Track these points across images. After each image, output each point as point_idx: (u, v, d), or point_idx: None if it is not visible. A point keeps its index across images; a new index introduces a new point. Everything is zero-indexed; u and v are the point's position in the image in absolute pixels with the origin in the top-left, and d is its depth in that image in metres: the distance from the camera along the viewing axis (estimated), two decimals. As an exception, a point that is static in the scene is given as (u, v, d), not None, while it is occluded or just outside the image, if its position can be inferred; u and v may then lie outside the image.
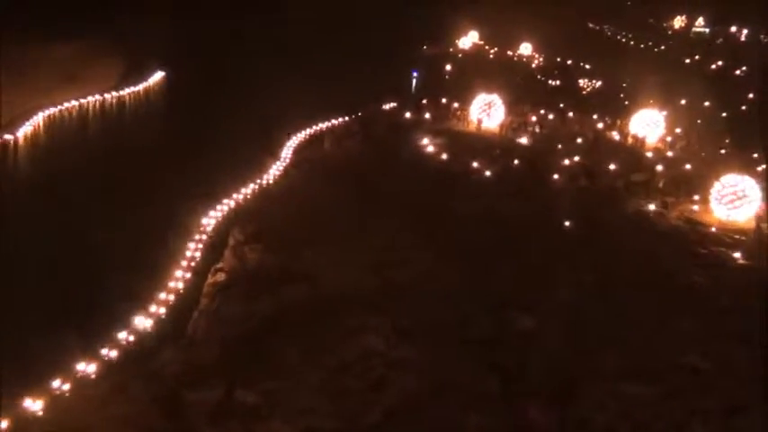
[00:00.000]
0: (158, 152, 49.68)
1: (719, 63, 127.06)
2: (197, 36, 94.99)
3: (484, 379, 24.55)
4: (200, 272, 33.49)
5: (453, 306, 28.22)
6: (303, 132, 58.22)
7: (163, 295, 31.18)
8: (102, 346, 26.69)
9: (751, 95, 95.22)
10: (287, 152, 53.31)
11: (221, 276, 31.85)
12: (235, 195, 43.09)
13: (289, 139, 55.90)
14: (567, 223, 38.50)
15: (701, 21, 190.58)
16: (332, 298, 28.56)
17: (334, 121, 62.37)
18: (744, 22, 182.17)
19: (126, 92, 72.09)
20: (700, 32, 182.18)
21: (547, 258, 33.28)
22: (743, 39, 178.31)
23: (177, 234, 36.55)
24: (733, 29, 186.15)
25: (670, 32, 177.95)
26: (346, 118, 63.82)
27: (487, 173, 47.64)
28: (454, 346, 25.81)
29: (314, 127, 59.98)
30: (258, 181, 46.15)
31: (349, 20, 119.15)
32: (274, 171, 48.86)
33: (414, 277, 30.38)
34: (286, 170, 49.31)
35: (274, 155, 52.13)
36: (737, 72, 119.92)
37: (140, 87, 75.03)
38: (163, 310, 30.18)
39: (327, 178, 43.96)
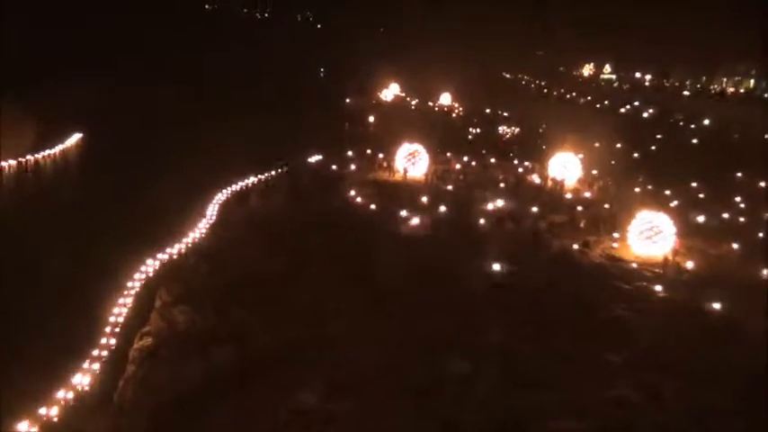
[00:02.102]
0: (76, 215, 48.01)
1: (628, 107, 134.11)
2: (116, 97, 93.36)
3: (422, 428, 24.34)
4: (126, 337, 32.18)
5: (387, 355, 28.08)
6: (229, 189, 57.57)
7: (86, 364, 29.76)
8: (21, 421, 25.14)
9: (659, 136, 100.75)
10: (213, 210, 52.48)
11: (148, 340, 30.68)
12: (160, 256, 41.95)
13: (214, 196, 55.12)
14: (495, 266, 39.22)
15: (607, 68, 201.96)
16: (264, 355, 27.98)
17: (259, 177, 62.06)
18: (645, 68, 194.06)
19: (42, 155, 69.89)
20: (607, 79, 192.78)
21: (477, 301, 33.76)
22: (647, 83, 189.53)
23: (99, 299, 35.13)
24: (637, 74, 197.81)
25: (580, 80, 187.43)
26: (272, 173, 63.68)
27: (416, 220, 48.23)
28: (390, 395, 25.55)
29: (239, 183, 59.44)
30: (184, 240, 45.13)
31: (270, 75, 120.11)
32: (200, 229, 47.94)
33: (346, 329, 30.15)
34: (212, 228, 48.46)
35: (199, 213, 51.23)
36: (645, 114, 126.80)
37: (57, 150, 72.93)
38: (87, 380, 28.75)
39: (255, 234, 43.46)
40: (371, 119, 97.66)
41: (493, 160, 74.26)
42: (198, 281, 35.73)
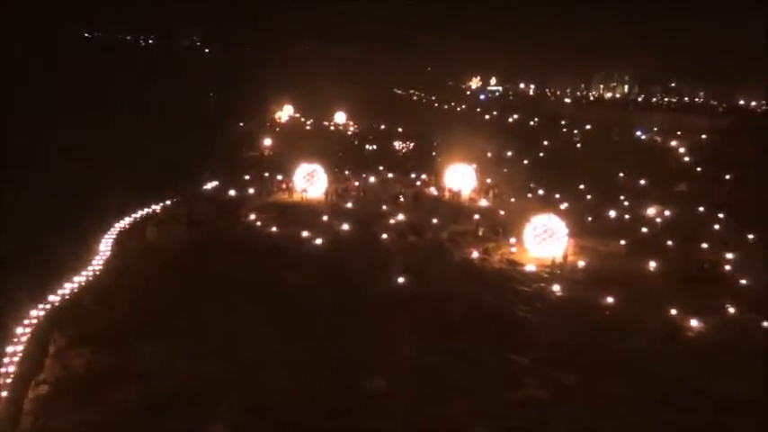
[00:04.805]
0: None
1: (515, 116, 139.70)
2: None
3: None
4: (18, 388, 30.14)
5: (301, 378, 27.78)
6: (122, 221, 55.28)
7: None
8: None
9: (546, 142, 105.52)
10: (106, 244, 50.20)
11: (44, 389, 28.85)
12: (51, 297, 39.65)
13: (107, 229, 52.75)
14: (400, 279, 39.66)
15: (493, 80, 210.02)
16: (173, 391, 26.93)
17: (154, 207, 59.96)
18: (529, 79, 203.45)
19: None
20: (493, 90, 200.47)
21: (386, 316, 34.00)
22: (531, 93, 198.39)
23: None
24: (522, 86, 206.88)
25: (468, 93, 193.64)
26: (167, 202, 61.69)
27: (318, 240, 48.09)
28: (307, 419, 25.27)
29: (133, 215, 57.18)
30: (77, 279, 42.88)
31: (157, 102, 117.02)
32: (94, 266, 45.73)
33: (258, 355, 29.57)
34: (107, 263, 46.34)
35: (92, 248, 48.87)
36: (531, 123, 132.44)
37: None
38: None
39: (153, 266, 41.91)
40: (267, 141, 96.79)
41: (391, 175, 75.27)
42: (95, 320, 34.03)
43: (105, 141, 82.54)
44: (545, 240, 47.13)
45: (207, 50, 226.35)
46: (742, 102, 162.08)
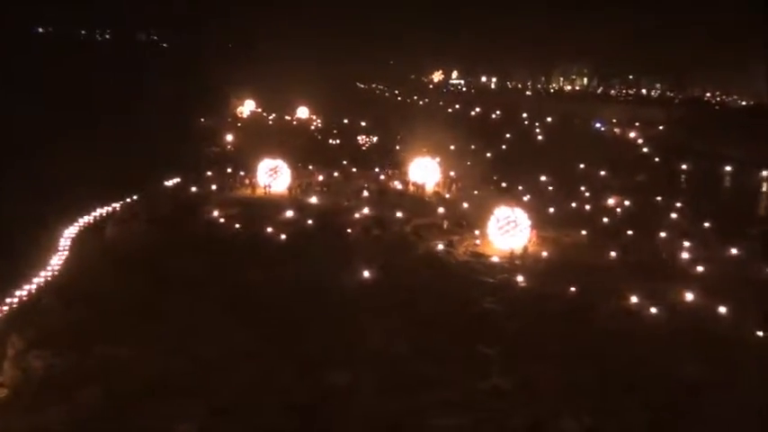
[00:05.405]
0: None
1: (478, 110, 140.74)
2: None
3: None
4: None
5: (266, 374, 27.64)
6: (81, 220, 54.15)
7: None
8: None
9: (508, 135, 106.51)
10: (65, 243, 49.12)
11: (2, 392, 28.20)
12: (8, 300, 38.63)
13: (65, 229, 51.61)
14: (366, 274, 39.62)
15: (455, 74, 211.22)
16: (136, 391, 26.56)
17: (114, 205, 58.84)
18: (489, 72, 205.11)
19: None
20: (455, 84, 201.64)
21: (352, 311, 33.96)
22: (492, 87, 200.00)
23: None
24: (483, 79, 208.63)
25: (431, 86, 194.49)
26: (127, 199, 60.59)
27: (282, 236, 47.77)
28: (273, 415, 25.13)
29: (92, 213, 56.05)
30: (35, 279, 41.84)
31: (116, 98, 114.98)
32: (52, 266, 44.70)
33: (222, 353, 29.32)
34: (66, 263, 45.34)
35: (50, 248, 47.78)
36: (493, 116, 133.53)
37: None
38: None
39: (114, 265, 41.06)
40: (229, 137, 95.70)
41: (354, 170, 75.07)
42: (54, 322, 33.23)
43: (62, 139, 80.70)
44: (509, 232, 47.51)
45: (164, 45, 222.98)
46: (697, 93, 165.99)
